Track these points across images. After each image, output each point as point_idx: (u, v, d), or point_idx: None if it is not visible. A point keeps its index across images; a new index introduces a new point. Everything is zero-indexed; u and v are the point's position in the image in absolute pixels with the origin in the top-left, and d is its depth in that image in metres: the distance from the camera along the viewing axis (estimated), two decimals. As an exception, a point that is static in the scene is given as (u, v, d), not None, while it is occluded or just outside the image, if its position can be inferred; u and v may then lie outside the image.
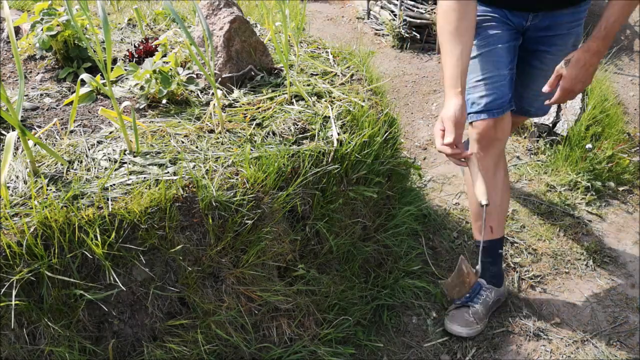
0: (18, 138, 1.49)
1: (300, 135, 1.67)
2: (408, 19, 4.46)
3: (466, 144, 2.04)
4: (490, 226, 1.95)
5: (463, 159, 1.65)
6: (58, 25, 1.94)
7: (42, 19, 1.95)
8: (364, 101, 1.85)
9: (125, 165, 1.45)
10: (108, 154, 1.50)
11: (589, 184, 2.71)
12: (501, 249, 2.04)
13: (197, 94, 1.86)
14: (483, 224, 1.69)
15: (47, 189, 1.33)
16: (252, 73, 1.94)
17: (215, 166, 1.47)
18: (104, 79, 1.86)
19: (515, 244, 2.38)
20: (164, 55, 1.97)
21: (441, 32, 1.67)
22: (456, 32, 1.63)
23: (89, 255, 1.27)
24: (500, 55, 1.83)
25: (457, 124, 1.59)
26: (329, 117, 1.74)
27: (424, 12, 4.42)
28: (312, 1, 5.92)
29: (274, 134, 1.65)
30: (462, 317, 1.95)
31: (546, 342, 1.93)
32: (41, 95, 1.86)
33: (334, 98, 1.85)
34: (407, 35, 4.49)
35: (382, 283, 2.03)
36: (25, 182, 1.36)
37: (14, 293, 1.20)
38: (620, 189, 2.79)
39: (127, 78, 1.92)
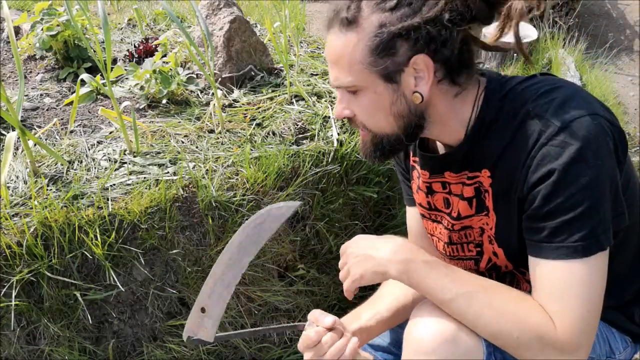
0: (18, 138, 1.49)
1: (300, 135, 1.67)
2: (408, 19, 4.46)
3: None
4: None
5: None
6: (58, 25, 1.94)
7: (42, 19, 1.95)
8: (364, 101, 1.85)
9: (125, 165, 1.45)
10: (108, 154, 1.49)
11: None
12: None
13: (197, 94, 1.86)
14: None
15: (47, 189, 1.33)
16: (252, 73, 1.94)
17: (215, 166, 1.47)
18: (104, 79, 1.85)
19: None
20: (164, 55, 1.97)
21: None
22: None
23: (88, 255, 1.27)
24: None
25: None
26: (329, 117, 1.74)
27: (424, 12, 4.41)
28: (312, 1, 5.91)
29: (274, 134, 1.65)
30: None
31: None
32: (41, 95, 1.86)
33: (334, 98, 1.85)
34: (407, 35, 4.49)
35: (382, 283, 2.03)
36: (25, 182, 1.36)
37: (14, 293, 1.20)
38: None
39: (127, 78, 1.92)
